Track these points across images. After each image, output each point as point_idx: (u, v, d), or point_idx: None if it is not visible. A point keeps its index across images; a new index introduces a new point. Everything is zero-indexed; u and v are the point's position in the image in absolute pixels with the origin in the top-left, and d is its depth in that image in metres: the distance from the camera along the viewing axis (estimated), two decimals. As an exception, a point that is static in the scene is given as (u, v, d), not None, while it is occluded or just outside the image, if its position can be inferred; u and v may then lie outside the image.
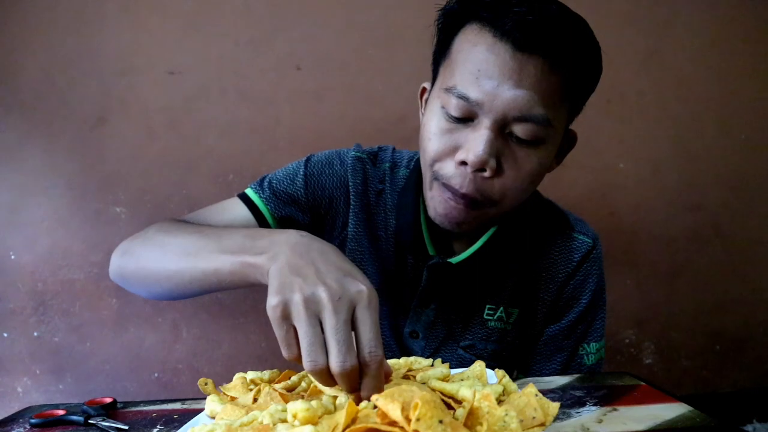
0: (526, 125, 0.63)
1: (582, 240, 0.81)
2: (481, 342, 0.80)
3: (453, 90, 0.64)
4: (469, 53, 0.64)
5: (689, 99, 1.54)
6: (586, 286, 0.80)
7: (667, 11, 1.51)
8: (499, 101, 0.62)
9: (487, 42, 0.62)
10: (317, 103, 1.43)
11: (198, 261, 0.60)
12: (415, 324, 0.80)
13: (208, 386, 0.64)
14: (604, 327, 0.83)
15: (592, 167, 1.52)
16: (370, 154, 0.84)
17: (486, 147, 0.62)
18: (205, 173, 1.41)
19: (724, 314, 1.57)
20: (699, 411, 0.53)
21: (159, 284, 0.67)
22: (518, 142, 0.65)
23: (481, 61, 0.62)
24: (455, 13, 0.67)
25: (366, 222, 0.80)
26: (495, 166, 0.64)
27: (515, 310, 0.80)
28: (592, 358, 0.81)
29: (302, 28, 1.42)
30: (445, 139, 0.66)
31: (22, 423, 0.62)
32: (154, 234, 0.70)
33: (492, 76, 0.62)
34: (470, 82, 0.63)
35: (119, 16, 1.38)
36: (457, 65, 0.65)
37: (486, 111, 0.62)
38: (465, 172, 0.64)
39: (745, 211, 1.57)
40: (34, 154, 1.37)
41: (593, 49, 0.69)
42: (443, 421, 0.38)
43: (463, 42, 0.65)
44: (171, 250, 0.65)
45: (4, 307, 1.38)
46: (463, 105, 0.63)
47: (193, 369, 1.44)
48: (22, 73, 1.36)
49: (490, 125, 0.62)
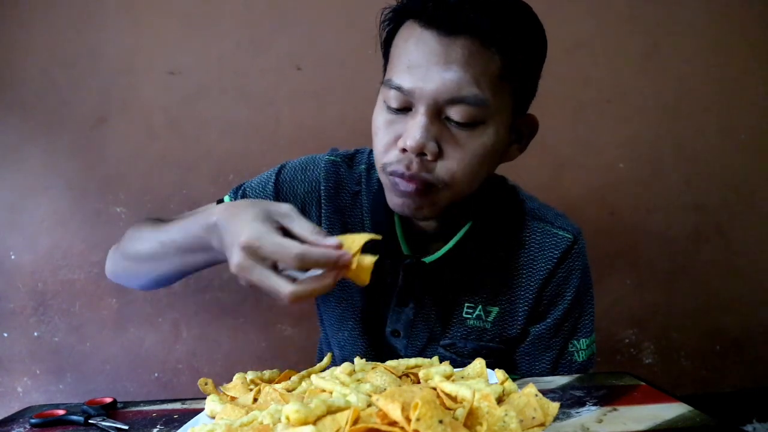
0: (460, 107, 0.64)
1: (562, 236, 0.79)
2: (460, 340, 0.80)
3: (389, 83, 0.67)
4: (403, 48, 0.67)
5: (689, 99, 1.54)
6: (569, 282, 0.79)
7: (667, 11, 1.51)
8: (429, 86, 0.64)
9: (415, 33, 0.65)
10: (317, 103, 1.43)
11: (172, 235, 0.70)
12: (396, 323, 0.81)
13: (208, 386, 0.64)
14: (594, 322, 0.82)
15: (592, 167, 1.52)
16: (346, 157, 0.86)
17: (422, 131, 0.64)
18: (205, 173, 1.41)
19: (724, 314, 1.57)
20: (699, 411, 0.53)
21: (142, 267, 0.76)
22: (457, 125, 0.66)
23: (412, 51, 0.65)
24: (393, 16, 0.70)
25: (340, 225, 0.82)
26: (435, 149, 0.66)
27: (494, 309, 0.79)
28: (582, 355, 0.80)
29: (302, 28, 1.42)
30: (389, 131, 0.68)
31: (22, 423, 0.62)
32: (132, 230, 0.80)
33: (420, 63, 0.64)
34: (402, 72, 0.65)
35: (119, 16, 1.38)
36: (393, 61, 0.68)
37: (418, 98, 0.65)
38: (409, 157, 0.66)
39: (745, 211, 1.57)
40: (34, 154, 1.37)
41: (530, 26, 0.69)
42: (443, 421, 0.38)
43: (398, 40, 0.69)
44: (145, 236, 0.75)
45: (4, 307, 1.38)
46: (399, 96, 0.66)
47: (193, 369, 1.44)
48: (22, 73, 1.36)
49: (424, 111, 0.65)
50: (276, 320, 1.45)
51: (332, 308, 0.86)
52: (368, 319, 0.83)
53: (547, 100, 0.80)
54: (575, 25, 1.47)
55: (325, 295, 0.86)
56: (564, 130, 1.50)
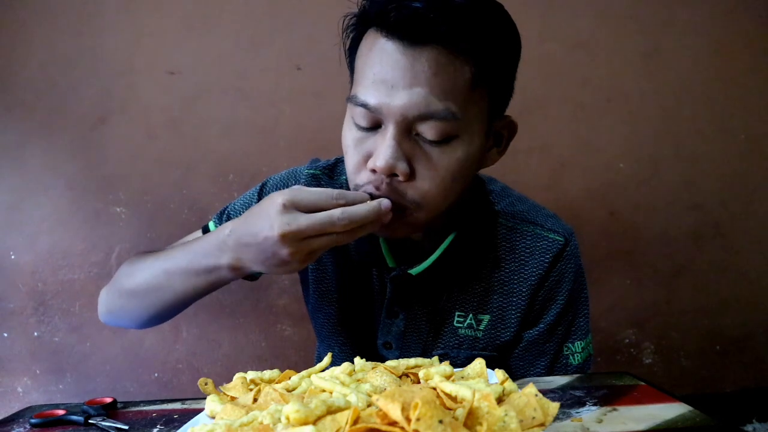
0: (430, 122, 0.60)
1: (552, 239, 0.76)
2: (453, 350, 0.79)
3: (355, 99, 0.63)
4: (366, 59, 0.63)
5: (689, 99, 1.54)
6: (561, 286, 0.77)
7: (667, 11, 1.51)
8: (395, 103, 0.60)
9: (379, 44, 0.61)
10: (317, 103, 1.43)
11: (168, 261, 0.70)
12: (387, 335, 0.80)
13: (208, 386, 0.64)
14: (589, 323, 0.81)
15: (592, 167, 1.52)
16: (326, 168, 0.83)
17: (392, 152, 0.61)
18: (205, 173, 1.41)
19: (724, 314, 1.57)
20: (699, 411, 0.53)
21: (143, 301, 0.74)
22: (428, 142, 0.62)
23: (375, 64, 0.61)
24: (357, 23, 0.66)
25: None
26: (407, 170, 0.62)
27: (485, 317, 0.78)
28: (578, 357, 0.78)
29: (302, 28, 1.42)
30: (358, 150, 0.65)
31: (22, 423, 0.62)
32: (126, 267, 0.78)
33: (385, 78, 0.60)
34: (367, 88, 0.62)
35: (119, 16, 1.38)
36: (358, 74, 0.64)
37: (386, 115, 0.61)
38: (380, 178, 0.63)
39: (745, 211, 1.57)
40: (34, 154, 1.37)
41: (500, 27, 0.64)
42: (443, 421, 0.38)
43: (362, 49, 0.65)
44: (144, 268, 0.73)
45: (4, 307, 1.38)
46: (366, 113, 0.62)
47: (193, 369, 1.44)
48: (22, 73, 1.36)
49: (393, 129, 0.61)
50: (276, 320, 1.45)
51: (322, 322, 0.86)
52: (359, 332, 0.82)
53: (547, 100, 0.79)
54: (575, 25, 1.47)
55: (317, 309, 0.86)
56: (564, 130, 1.50)
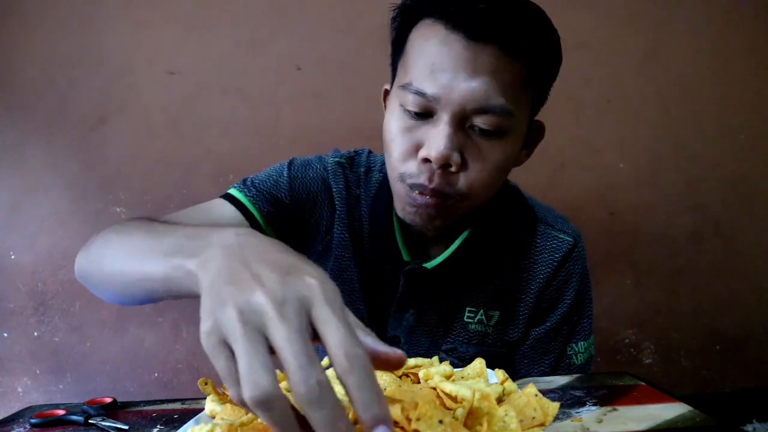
0: (486, 116, 0.61)
1: (562, 239, 0.78)
2: (462, 345, 0.79)
3: (409, 86, 0.63)
4: (423, 48, 0.63)
5: (689, 99, 1.54)
6: (569, 286, 0.78)
7: (667, 11, 1.51)
8: (456, 94, 0.60)
9: (439, 35, 0.62)
10: (317, 103, 1.43)
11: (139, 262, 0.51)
12: (396, 329, 0.79)
13: (208, 386, 0.64)
14: (592, 324, 0.81)
15: (592, 167, 1.52)
16: (348, 158, 0.83)
17: (447, 142, 0.61)
18: (205, 173, 1.41)
19: (724, 314, 1.57)
20: (699, 411, 0.53)
21: (110, 285, 0.60)
22: (481, 134, 0.63)
23: (435, 54, 0.61)
24: (409, 11, 0.66)
25: (349, 227, 0.79)
26: (459, 160, 0.62)
27: (495, 313, 0.78)
28: (580, 358, 0.79)
29: (302, 28, 1.42)
30: (407, 138, 0.64)
31: (22, 423, 0.62)
32: (110, 233, 0.66)
33: (446, 68, 0.61)
34: (425, 77, 0.62)
35: (119, 16, 1.38)
36: (412, 62, 0.64)
37: (443, 105, 0.61)
38: (431, 168, 0.63)
39: (745, 211, 1.57)
40: (34, 154, 1.37)
41: (550, 34, 0.67)
42: (443, 421, 0.38)
43: (417, 38, 0.64)
44: (121, 249, 0.58)
45: (4, 307, 1.38)
46: (421, 101, 0.62)
47: (193, 369, 1.44)
48: (22, 73, 1.36)
49: (449, 119, 0.61)
50: (276, 320, 1.45)
51: None
52: (368, 326, 0.82)
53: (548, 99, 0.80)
54: (575, 25, 1.46)
55: None
56: (564, 130, 1.50)
